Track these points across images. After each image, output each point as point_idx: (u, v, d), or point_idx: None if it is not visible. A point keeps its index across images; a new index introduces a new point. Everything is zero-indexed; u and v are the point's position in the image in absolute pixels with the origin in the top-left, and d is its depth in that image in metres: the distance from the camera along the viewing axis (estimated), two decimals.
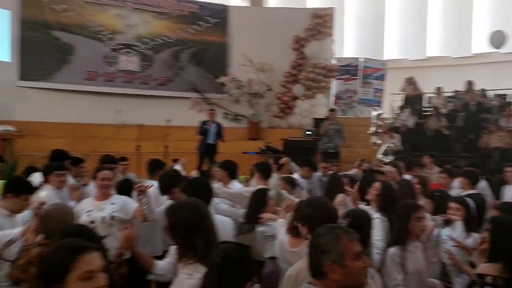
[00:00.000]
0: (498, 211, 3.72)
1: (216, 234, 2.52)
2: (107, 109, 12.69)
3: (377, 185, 4.00)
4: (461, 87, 12.49)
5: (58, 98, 12.44)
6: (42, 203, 3.15)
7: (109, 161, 4.56)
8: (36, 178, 4.67)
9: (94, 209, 3.65)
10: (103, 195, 3.77)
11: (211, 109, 10.37)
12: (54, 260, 1.50)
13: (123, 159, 5.68)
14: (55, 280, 1.49)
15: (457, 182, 5.67)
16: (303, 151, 10.15)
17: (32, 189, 3.59)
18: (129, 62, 13.46)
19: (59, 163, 4.69)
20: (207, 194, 3.44)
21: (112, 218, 3.62)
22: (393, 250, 3.17)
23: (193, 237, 2.38)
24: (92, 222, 3.55)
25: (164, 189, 3.84)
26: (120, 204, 3.72)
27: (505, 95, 12.72)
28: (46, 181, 4.42)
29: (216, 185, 4.45)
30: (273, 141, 12.69)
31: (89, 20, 12.97)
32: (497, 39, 14.03)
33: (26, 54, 12.27)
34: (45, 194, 4.08)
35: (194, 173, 5.99)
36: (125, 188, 4.44)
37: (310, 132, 11.49)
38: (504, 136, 9.91)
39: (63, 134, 11.72)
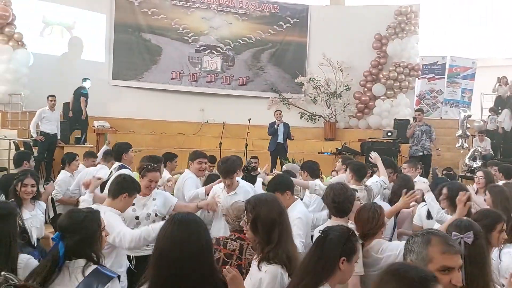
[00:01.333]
0: None
1: (291, 231, 2.54)
2: (191, 107, 13.36)
3: (444, 190, 3.83)
4: None
5: (147, 96, 13.29)
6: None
7: (201, 156, 4.83)
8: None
9: (136, 203, 3.67)
10: (145, 193, 3.81)
11: (278, 110, 10.52)
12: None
13: (212, 160, 5.97)
14: None
15: None
16: (383, 152, 9.86)
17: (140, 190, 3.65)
18: (211, 62, 14.02)
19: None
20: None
21: (156, 214, 3.75)
22: None
23: (272, 232, 2.40)
24: (137, 217, 3.65)
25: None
26: (161, 200, 3.81)
27: None
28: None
29: (316, 182, 4.48)
30: (350, 142, 12.53)
31: (176, 23, 13.70)
32: None
33: (119, 55, 13.26)
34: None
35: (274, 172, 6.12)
36: (214, 181, 4.75)
37: (391, 134, 11.13)
38: None
39: (151, 131, 12.52)
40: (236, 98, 13.94)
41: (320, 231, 2.23)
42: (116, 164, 5.07)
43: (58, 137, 9.49)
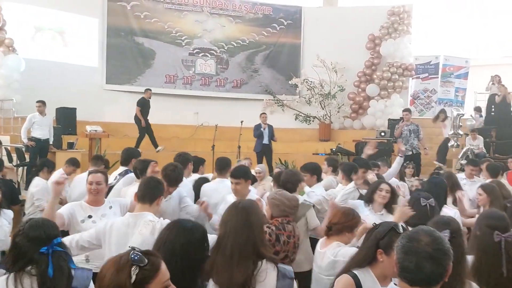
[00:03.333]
0: None
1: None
2: (186, 110, 13.32)
3: (384, 186, 3.81)
4: None
5: None
6: None
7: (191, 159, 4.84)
8: None
9: (93, 214, 3.41)
10: (97, 200, 3.52)
11: (264, 113, 10.67)
12: None
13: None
14: None
15: None
16: (377, 153, 9.86)
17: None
18: (205, 65, 14.01)
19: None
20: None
21: None
22: None
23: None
24: None
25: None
26: (117, 206, 3.59)
27: None
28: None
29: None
30: (345, 143, 12.52)
31: (169, 26, 13.67)
32: None
33: (112, 59, 13.20)
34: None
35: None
36: (201, 184, 4.74)
37: (384, 134, 11.13)
38: None
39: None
40: (230, 101, 13.92)
41: (374, 224, 2.49)
42: (122, 168, 4.99)
43: (51, 142, 9.40)
